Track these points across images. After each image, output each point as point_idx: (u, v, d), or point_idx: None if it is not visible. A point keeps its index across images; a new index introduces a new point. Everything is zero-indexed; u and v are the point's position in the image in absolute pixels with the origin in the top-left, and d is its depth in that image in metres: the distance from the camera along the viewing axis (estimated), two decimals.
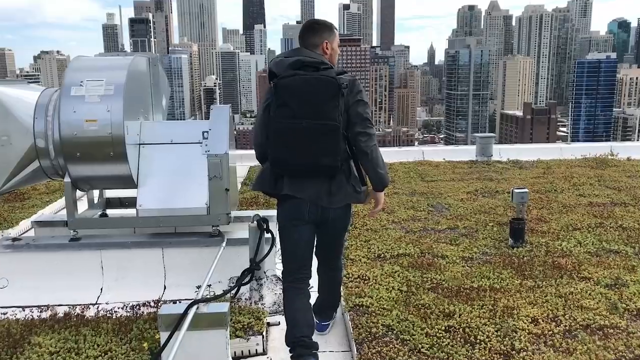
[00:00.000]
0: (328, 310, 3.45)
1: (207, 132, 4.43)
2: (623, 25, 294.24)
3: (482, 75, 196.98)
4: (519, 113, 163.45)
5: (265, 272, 4.27)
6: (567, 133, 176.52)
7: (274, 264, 4.34)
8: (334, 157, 2.73)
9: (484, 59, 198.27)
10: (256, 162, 4.31)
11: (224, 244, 4.29)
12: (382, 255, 4.60)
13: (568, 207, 5.95)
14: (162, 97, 5.44)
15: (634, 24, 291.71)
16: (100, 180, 4.40)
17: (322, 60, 2.81)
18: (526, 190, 5.28)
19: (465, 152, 9.30)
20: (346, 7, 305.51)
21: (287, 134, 2.72)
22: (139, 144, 4.51)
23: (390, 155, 9.24)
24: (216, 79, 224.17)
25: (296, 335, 2.85)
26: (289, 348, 2.89)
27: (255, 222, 4.10)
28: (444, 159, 8.86)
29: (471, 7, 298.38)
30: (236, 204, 5.00)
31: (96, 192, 4.91)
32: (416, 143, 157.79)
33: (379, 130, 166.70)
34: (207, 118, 4.66)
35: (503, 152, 9.20)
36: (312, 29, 2.95)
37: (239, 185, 7.31)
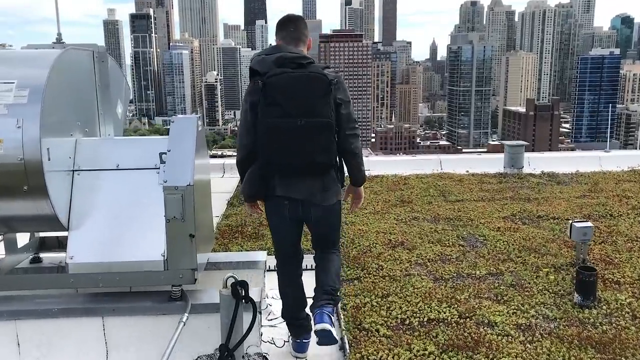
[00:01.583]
0: (324, 294, 2.91)
1: (168, 151, 3.19)
2: (626, 20, 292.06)
3: (485, 71, 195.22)
4: (522, 109, 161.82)
5: (246, 353, 3.05)
6: (570, 129, 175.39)
7: (258, 339, 3.11)
8: (329, 155, 2.74)
9: (486, 55, 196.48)
10: None
11: (187, 311, 3.07)
12: (408, 321, 3.36)
13: (637, 241, 4.70)
14: (117, 103, 4.20)
15: (637, 20, 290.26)
16: (13, 222, 3.16)
17: (304, 55, 2.79)
18: (590, 225, 4.07)
19: (491, 163, 8.04)
20: (348, 2, 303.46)
21: (281, 133, 2.66)
22: (72, 171, 3.28)
23: (403, 166, 8.00)
24: (217, 74, 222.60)
25: (293, 312, 3.02)
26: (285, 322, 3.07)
27: (228, 287, 2.88)
28: (467, 171, 7.59)
29: (474, 3, 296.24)
30: (210, 242, 3.78)
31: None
32: (418, 139, 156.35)
33: (381, 127, 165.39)
34: (208, 116, 3.40)
35: (533, 162, 7.94)
36: (294, 24, 2.91)
37: (223, 207, 6.05)
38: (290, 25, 2.91)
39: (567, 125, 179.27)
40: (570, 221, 4.22)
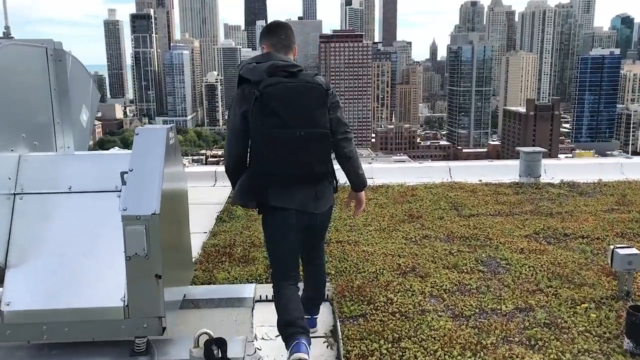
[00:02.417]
0: (314, 307, 3.30)
1: (130, 171, 2.60)
2: (626, 21, 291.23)
3: (485, 71, 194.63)
4: (522, 109, 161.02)
5: None
6: (570, 130, 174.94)
7: None
8: (327, 165, 2.77)
9: (486, 55, 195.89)
10: None
11: None
12: None
13: None
14: (82, 109, 3.59)
15: (637, 20, 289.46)
16: None
17: (294, 64, 2.78)
18: (637, 252, 3.46)
19: (504, 170, 7.43)
20: (348, 2, 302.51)
21: (280, 143, 2.63)
22: (13, 194, 2.68)
23: (409, 174, 7.39)
24: (218, 75, 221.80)
25: (288, 319, 2.77)
26: (280, 331, 2.81)
27: (201, 346, 2.27)
28: (480, 180, 6.97)
29: (474, 3, 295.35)
30: (188, 273, 3.19)
31: None
32: (418, 139, 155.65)
33: (381, 127, 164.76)
34: (209, 116, 2.86)
35: (550, 170, 7.33)
36: (285, 32, 2.88)
37: (211, 223, 5.43)
38: (281, 33, 2.87)
39: (567, 126, 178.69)
40: (612, 247, 3.60)
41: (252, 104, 2.62)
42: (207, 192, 7.00)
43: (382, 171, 7.55)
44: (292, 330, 2.72)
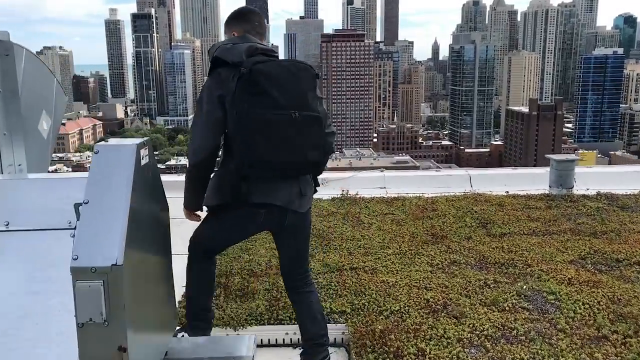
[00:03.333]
0: (319, 347, 2.73)
1: (85, 203, 1.93)
2: (629, 20, 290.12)
3: (487, 71, 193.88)
4: (525, 109, 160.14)
5: None
6: (573, 130, 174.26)
7: None
8: (320, 152, 2.52)
9: (489, 55, 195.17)
10: None
11: None
12: None
13: None
14: (41, 115, 2.92)
15: None
16: None
17: (271, 48, 2.58)
18: None
19: (530, 179, 6.74)
20: (350, 1, 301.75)
21: (273, 127, 2.34)
22: None
23: (426, 183, 6.70)
24: None
25: (195, 310, 2.76)
26: (187, 309, 2.79)
27: None
28: (506, 192, 6.27)
29: (476, 2, 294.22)
30: (171, 324, 2.53)
31: None
32: (420, 139, 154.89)
33: (383, 127, 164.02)
34: None
35: (580, 179, 6.63)
36: (257, 18, 2.65)
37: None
38: (255, 19, 2.64)
39: (570, 126, 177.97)
40: None
41: (231, 88, 2.33)
42: None
43: (395, 180, 6.87)
44: (196, 324, 2.75)
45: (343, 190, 6.17)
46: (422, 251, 4.46)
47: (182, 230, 2.90)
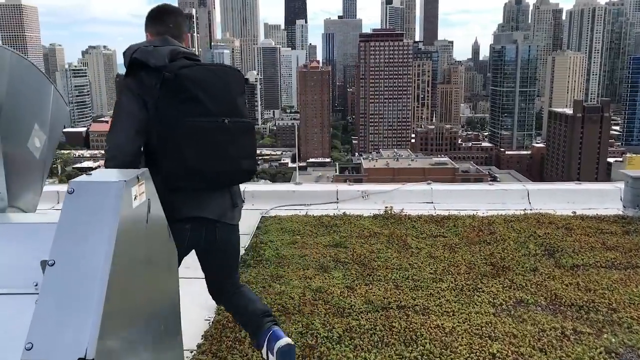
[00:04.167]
0: (266, 317, 2.47)
1: (50, 265, 1.37)
2: None
3: (530, 71, 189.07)
4: (569, 111, 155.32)
5: None
6: (621, 132, 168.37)
7: None
8: (253, 160, 2.41)
9: (531, 55, 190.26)
10: (275, 212, 5.17)
11: None
12: None
13: None
14: (32, 130, 2.45)
15: None
16: None
17: (193, 52, 2.42)
18: None
19: (598, 196, 5.97)
20: (388, 1, 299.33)
21: (204, 134, 2.20)
22: None
23: (477, 198, 6.03)
24: (257, 74, 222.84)
25: None
26: None
27: None
28: (573, 212, 5.54)
29: (518, 1, 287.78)
30: None
31: None
32: (459, 140, 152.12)
33: (421, 127, 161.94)
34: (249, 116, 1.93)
35: None
36: (172, 19, 2.44)
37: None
38: (168, 20, 2.42)
39: (617, 128, 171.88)
40: None
41: (154, 94, 2.15)
42: None
43: (443, 195, 6.21)
44: None
45: (387, 207, 5.56)
46: (482, 286, 3.81)
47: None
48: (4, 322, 1.50)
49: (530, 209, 5.69)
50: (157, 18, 2.42)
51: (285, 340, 2.34)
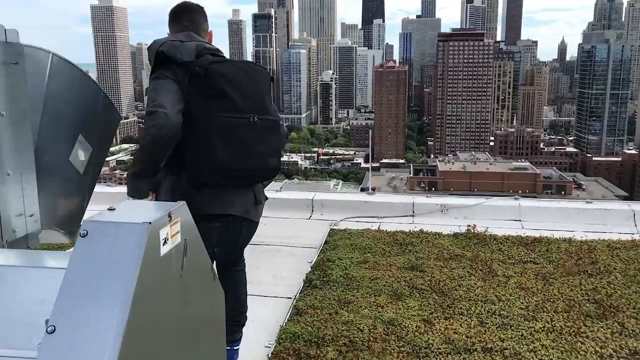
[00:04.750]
0: (237, 326, 2.64)
1: (49, 332, 1.00)
2: None
3: (622, 72, 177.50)
4: None
5: None
6: None
7: None
8: (279, 158, 2.45)
9: (624, 55, 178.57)
10: (345, 224, 5.02)
11: None
12: None
13: None
14: (76, 142, 2.21)
15: None
16: None
17: (217, 48, 2.38)
18: None
19: None
20: (469, 0, 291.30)
21: (233, 131, 2.18)
22: None
23: (573, 217, 5.37)
24: (333, 74, 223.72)
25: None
26: None
27: None
28: None
29: None
30: None
31: None
32: (542, 145, 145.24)
33: (501, 130, 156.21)
34: (322, 114, 1.47)
35: None
36: (188, 17, 2.43)
37: (297, 287, 3.86)
38: (183, 19, 2.39)
39: None
40: None
41: (184, 88, 2.12)
42: (300, 226, 5.50)
43: (533, 212, 5.58)
44: None
45: (469, 226, 5.03)
46: (585, 330, 3.24)
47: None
48: None
49: (639, 234, 4.96)
50: (175, 16, 2.43)
51: None
